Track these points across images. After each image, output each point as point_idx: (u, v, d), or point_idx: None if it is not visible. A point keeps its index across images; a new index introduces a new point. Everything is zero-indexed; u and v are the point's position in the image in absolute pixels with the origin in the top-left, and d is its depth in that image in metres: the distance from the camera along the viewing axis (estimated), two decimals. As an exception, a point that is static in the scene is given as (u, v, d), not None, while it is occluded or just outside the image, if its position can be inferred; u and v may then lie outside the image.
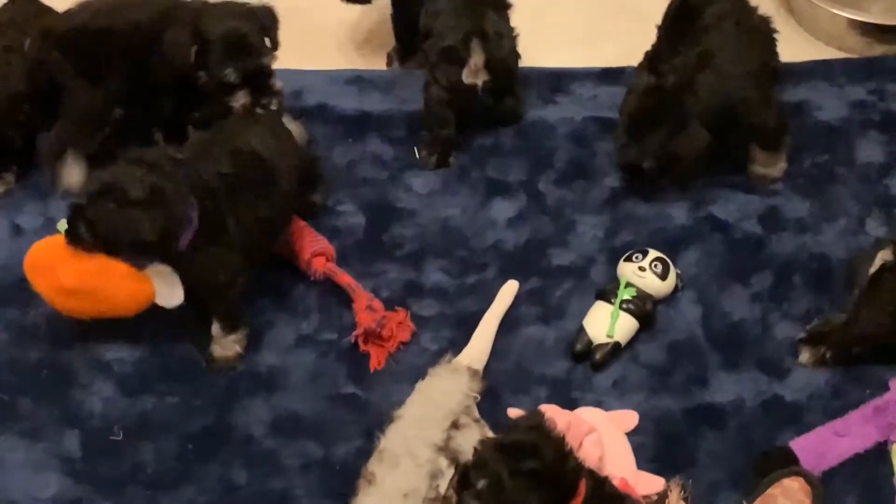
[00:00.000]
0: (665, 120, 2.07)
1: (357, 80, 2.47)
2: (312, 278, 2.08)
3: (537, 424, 1.64)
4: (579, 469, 1.64)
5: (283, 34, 2.22)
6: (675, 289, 2.03)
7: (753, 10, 2.19)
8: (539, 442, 1.61)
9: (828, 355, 1.96)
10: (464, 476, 1.62)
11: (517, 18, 2.33)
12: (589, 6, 2.67)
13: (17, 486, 1.89)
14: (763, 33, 2.18)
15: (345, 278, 2.04)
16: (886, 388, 1.90)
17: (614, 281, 2.01)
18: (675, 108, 2.07)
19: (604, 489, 1.67)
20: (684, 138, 2.07)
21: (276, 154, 2.06)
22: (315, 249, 2.08)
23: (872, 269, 1.92)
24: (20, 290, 2.08)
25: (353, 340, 2.00)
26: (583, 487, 1.62)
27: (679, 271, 2.04)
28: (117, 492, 1.85)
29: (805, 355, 1.97)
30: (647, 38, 2.19)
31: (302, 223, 2.14)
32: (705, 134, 2.07)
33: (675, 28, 2.17)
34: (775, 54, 2.21)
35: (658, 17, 2.19)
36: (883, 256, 1.92)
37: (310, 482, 1.87)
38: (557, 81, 2.45)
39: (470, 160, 2.28)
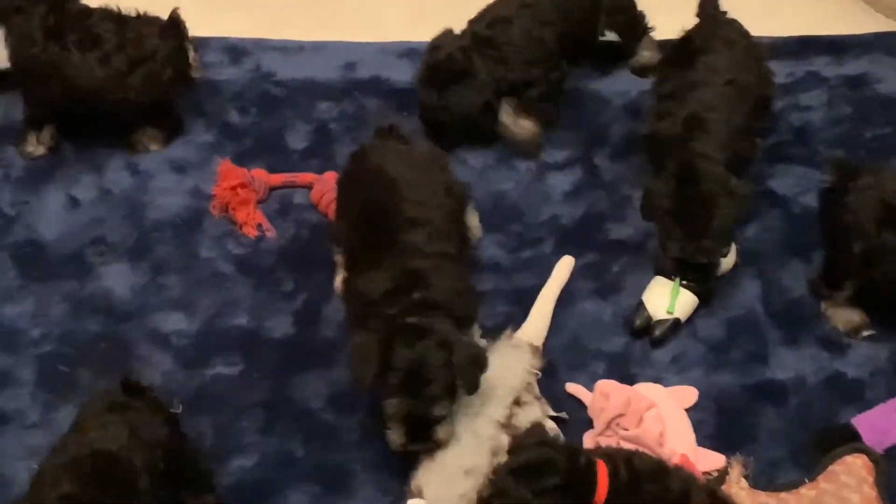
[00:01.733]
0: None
1: (410, 52, 2.43)
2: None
3: (542, 439, 1.66)
4: (593, 462, 1.64)
5: (336, 8, 2.23)
6: (735, 264, 2.03)
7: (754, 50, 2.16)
8: (550, 456, 1.62)
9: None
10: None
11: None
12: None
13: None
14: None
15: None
16: None
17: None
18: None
19: (632, 464, 1.66)
20: None
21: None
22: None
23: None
24: (77, 263, 2.10)
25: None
26: (602, 478, 1.63)
27: (738, 247, 2.03)
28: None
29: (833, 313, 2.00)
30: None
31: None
32: None
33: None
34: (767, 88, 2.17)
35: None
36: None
37: (367, 457, 1.88)
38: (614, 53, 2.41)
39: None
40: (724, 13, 2.16)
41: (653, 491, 1.64)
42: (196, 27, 2.34)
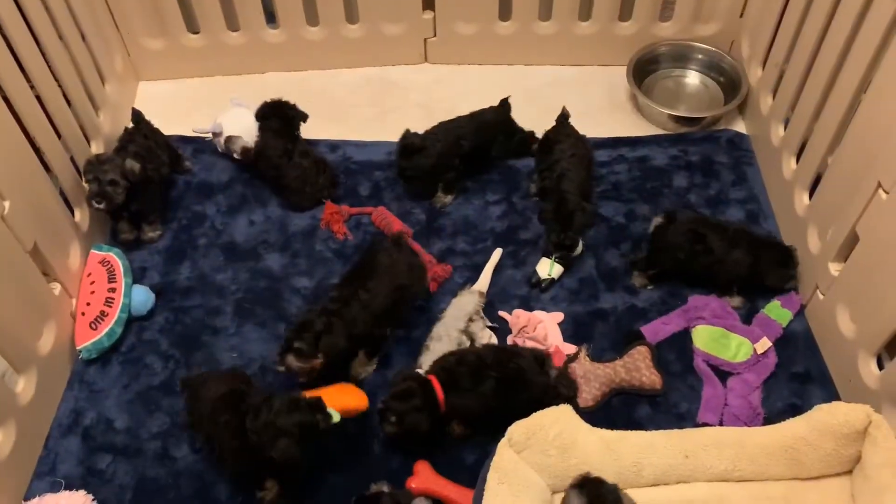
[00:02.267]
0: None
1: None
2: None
3: (409, 375, 1.67)
4: (429, 381, 1.64)
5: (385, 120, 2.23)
6: (582, 251, 2.04)
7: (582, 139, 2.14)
8: (411, 385, 1.63)
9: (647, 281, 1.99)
10: (382, 412, 1.65)
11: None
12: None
13: (256, 351, 1.91)
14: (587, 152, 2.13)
15: (416, 246, 2.06)
16: (686, 301, 1.94)
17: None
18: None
19: (447, 367, 1.67)
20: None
21: None
22: (402, 229, 2.08)
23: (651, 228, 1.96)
24: (254, 253, 2.08)
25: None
26: (437, 386, 1.64)
27: (584, 242, 2.05)
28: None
29: (636, 279, 2.00)
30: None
31: (390, 214, 2.12)
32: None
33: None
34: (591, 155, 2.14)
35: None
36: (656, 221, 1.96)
37: (401, 348, 1.89)
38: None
39: (474, 184, 2.23)
40: (568, 121, 2.14)
41: (470, 372, 1.66)
42: (310, 133, 2.28)
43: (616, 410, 1.79)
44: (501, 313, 1.96)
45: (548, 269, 2.00)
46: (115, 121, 2.28)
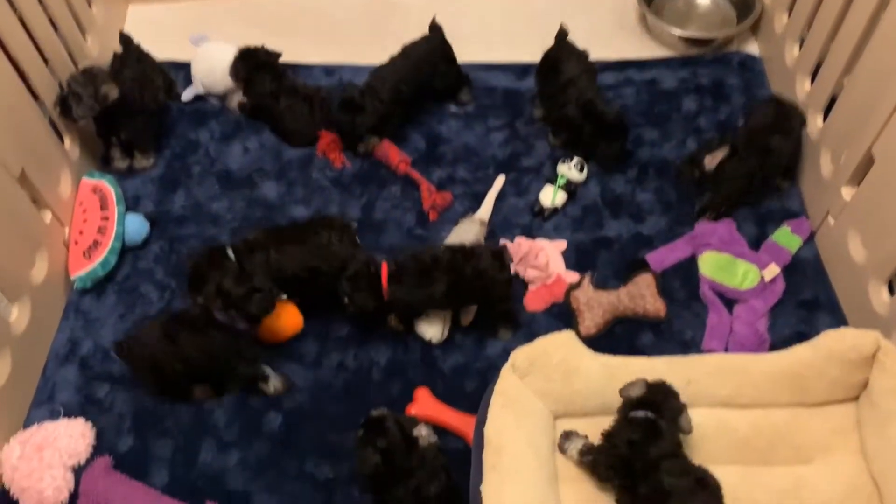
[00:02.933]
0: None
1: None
2: (397, 174, 2.04)
3: (365, 259, 1.69)
4: (379, 265, 1.68)
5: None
6: (587, 178, 2.01)
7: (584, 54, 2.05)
8: (361, 267, 1.67)
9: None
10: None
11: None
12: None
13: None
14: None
15: (415, 174, 2.03)
16: (693, 227, 1.91)
17: (555, 173, 1.99)
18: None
19: (400, 261, 1.68)
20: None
21: None
22: (400, 158, 2.04)
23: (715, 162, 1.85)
24: (249, 181, 2.04)
25: (425, 209, 1.98)
26: (384, 271, 1.67)
27: (588, 167, 2.01)
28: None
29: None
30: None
31: (388, 142, 2.05)
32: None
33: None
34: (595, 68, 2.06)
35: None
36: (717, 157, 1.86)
37: None
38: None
39: (475, 109, 2.17)
40: (567, 38, 2.05)
41: (420, 270, 1.67)
42: (305, 57, 2.22)
43: (619, 338, 1.77)
44: (503, 242, 1.92)
45: (551, 196, 1.96)
46: (103, 45, 2.21)
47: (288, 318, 1.77)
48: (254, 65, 2.09)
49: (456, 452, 1.58)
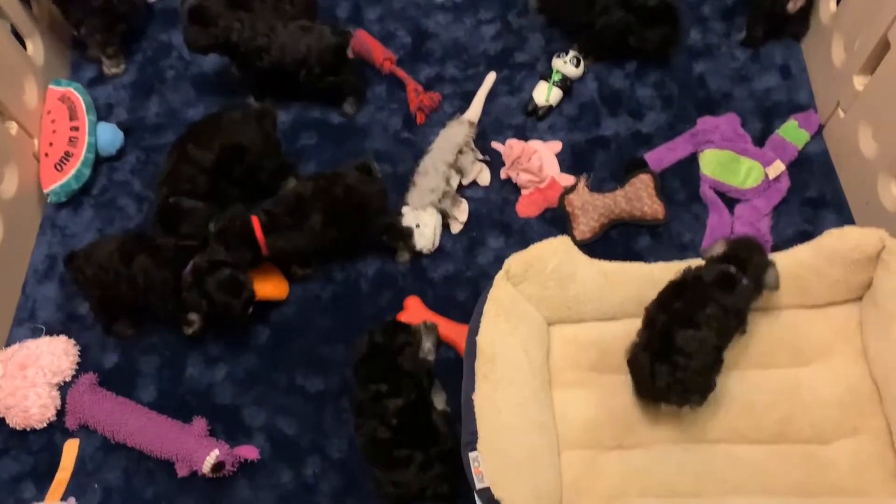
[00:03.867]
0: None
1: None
2: (382, 73, 1.96)
3: (234, 215, 1.60)
4: (249, 220, 1.59)
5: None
6: (584, 73, 1.92)
7: None
8: (229, 223, 1.58)
9: None
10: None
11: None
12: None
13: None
14: None
15: (401, 73, 1.94)
16: (695, 124, 1.83)
17: (549, 69, 1.90)
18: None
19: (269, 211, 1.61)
20: None
21: None
22: (385, 55, 1.96)
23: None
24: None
25: (412, 110, 1.90)
26: (257, 226, 1.59)
27: (587, 63, 1.92)
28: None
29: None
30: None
31: (371, 38, 1.96)
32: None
33: None
34: None
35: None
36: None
37: (387, 184, 1.75)
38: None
39: (465, 1, 2.06)
40: None
41: (290, 211, 1.61)
42: None
43: (615, 242, 1.73)
44: (494, 144, 1.85)
45: (545, 94, 1.88)
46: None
47: (273, 289, 1.69)
48: None
49: (447, 362, 1.57)
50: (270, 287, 1.67)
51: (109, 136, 1.87)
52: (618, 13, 1.83)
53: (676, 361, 1.33)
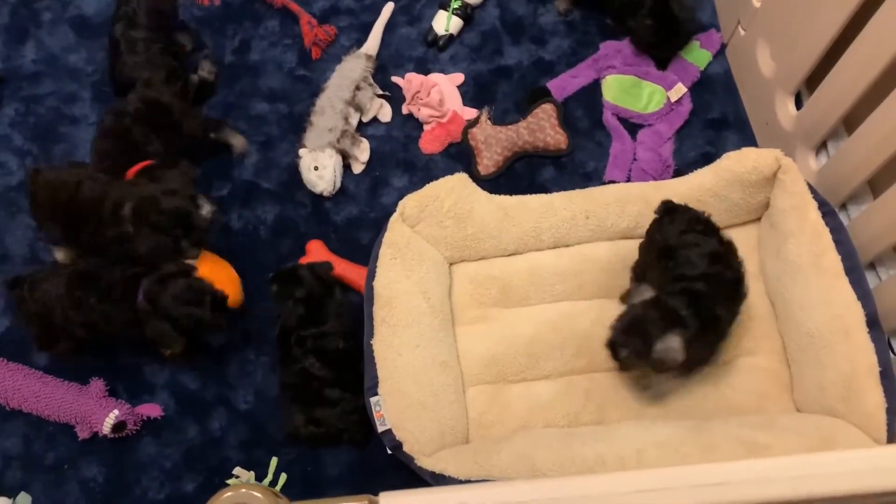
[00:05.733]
0: None
1: None
2: (273, 6, 1.87)
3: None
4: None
5: None
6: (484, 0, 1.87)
7: None
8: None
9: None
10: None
11: None
12: None
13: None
14: None
15: (294, 6, 1.87)
16: (598, 49, 1.81)
17: (449, -3, 1.83)
18: None
19: None
20: None
21: None
22: (276, -9, 1.87)
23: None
24: (108, 27, 1.82)
25: (307, 45, 1.84)
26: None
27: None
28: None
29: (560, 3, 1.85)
30: None
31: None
32: None
33: None
34: None
35: None
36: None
37: (283, 126, 1.78)
38: None
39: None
40: None
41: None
42: None
43: (519, 174, 1.72)
44: (394, 79, 1.81)
45: (445, 23, 1.83)
46: None
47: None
48: None
49: (353, 307, 1.55)
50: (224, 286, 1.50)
51: (-18, 88, 1.77)
52: None
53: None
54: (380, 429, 1.35)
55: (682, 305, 1.28)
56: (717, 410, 1.41)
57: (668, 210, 1.42)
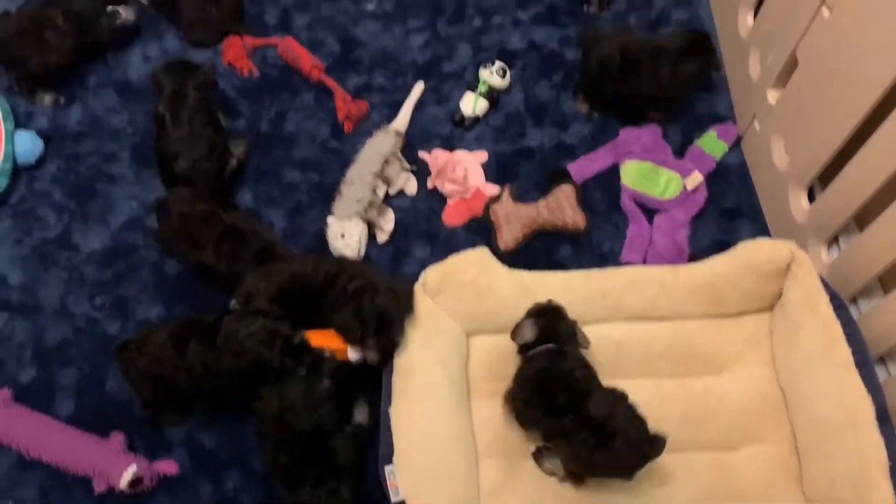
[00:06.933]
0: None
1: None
2: (310, 81, 1.95)
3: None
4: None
5: None
6: (510, 84, 1.95)
7: None
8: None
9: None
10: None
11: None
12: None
13: (156, 200, 1.87)
14: None
15: (330, 81, 1.94)
16: (617, 135, 1.86)
17: (477, 80, 1.91)
18: None
19: None
20: None
21: None
22: (313, 63, 1.95)
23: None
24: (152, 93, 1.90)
25: (340, 119, 1.90)
26: None
27: (512, 73, 1.95)
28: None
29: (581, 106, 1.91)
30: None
31: (299, 46, 1.96)
32: None
33: None
34: None
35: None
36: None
37: (313, 194, 1.83)
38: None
39: (395, 9, 2.06)
40: None
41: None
42: None
43: (537, 251, 1.75)
44: (421, 154, 1.87)
45: (472, 105, 1.90)
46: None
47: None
48: None
49: (370, 374, 1.57)
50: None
51: (29, 145, 1.84)
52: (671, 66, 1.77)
53: (611, 443, 1.31)
54: (393, 499, 1.36)
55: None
56: (726, 498, 1.42)
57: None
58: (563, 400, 1.36)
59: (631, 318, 1.58)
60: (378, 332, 1.45)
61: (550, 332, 1.42)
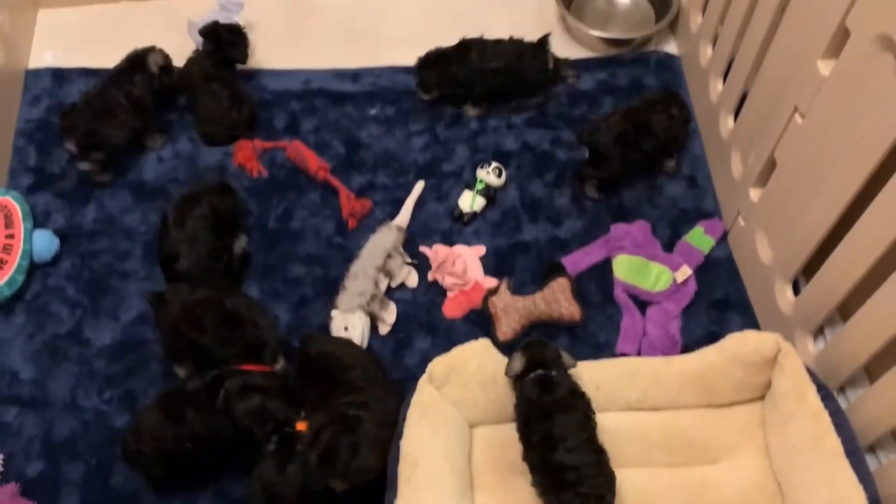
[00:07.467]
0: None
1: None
2: (316, 181, 2.03)
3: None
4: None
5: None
6: (506, 183, 2.03)
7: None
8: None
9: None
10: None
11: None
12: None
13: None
14: None
15: (335, 181, 2.02)
16: (608, 230, 1.93)
17: (474, 178, 2.00)
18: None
19: None
20: None
21: None
22: (319, 164, 2.03)
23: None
24: (164, 194, 2.02)
25: (344, 216, 1.98)
26: None
27: (507, 172, 2.03)
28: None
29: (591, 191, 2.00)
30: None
31: (307, 148, 2.05)
32: None
33: None
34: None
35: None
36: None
37: (318, 288, 1.88)
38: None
39: (396, 114, 2.16)
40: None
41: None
42: None
43: (535, 343, 1.79)
44: (422, 248, 1.94)
45: (470, 202, 1.98)
46: (10, 54, 2.16)
47: None
48: (216, 34, 2.08)
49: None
50: None
51: (45, 243, 1.90)
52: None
53: (570, 481, 1.38)
54: (398, 590, 1.36)
55: None
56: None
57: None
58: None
59: (624, 408, 1.61)
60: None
61: (538, 358, 1.50)
